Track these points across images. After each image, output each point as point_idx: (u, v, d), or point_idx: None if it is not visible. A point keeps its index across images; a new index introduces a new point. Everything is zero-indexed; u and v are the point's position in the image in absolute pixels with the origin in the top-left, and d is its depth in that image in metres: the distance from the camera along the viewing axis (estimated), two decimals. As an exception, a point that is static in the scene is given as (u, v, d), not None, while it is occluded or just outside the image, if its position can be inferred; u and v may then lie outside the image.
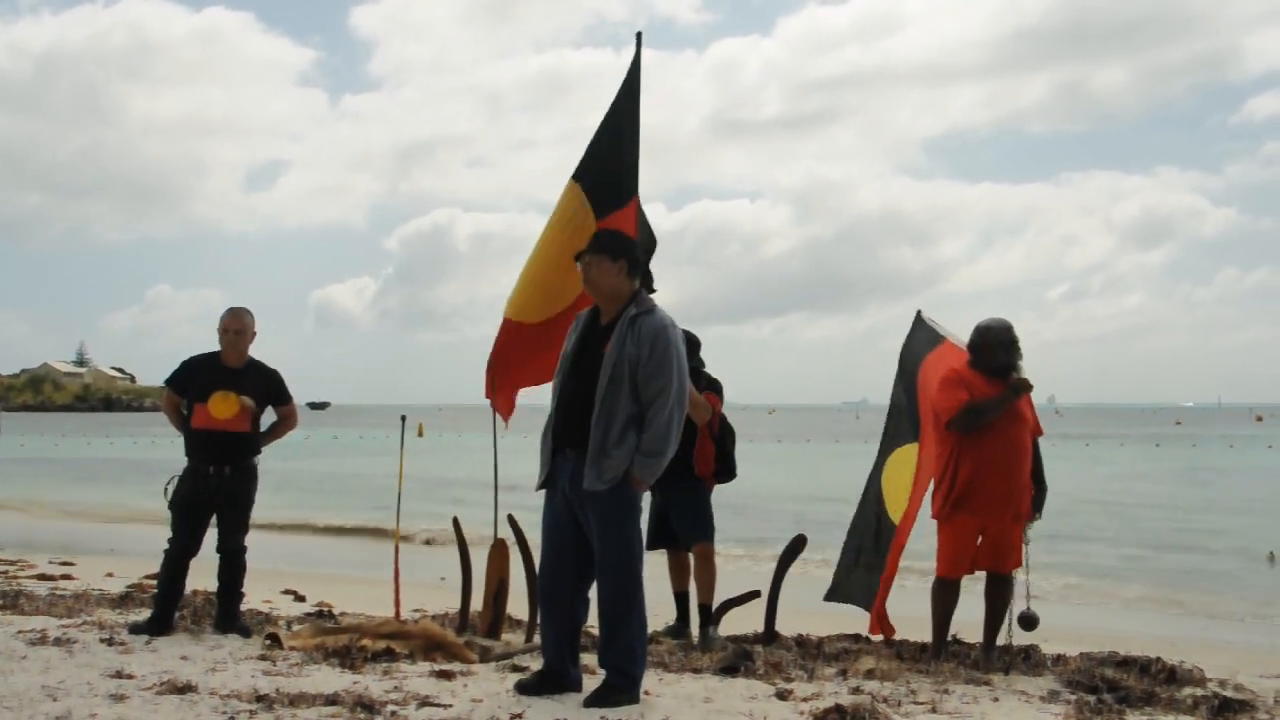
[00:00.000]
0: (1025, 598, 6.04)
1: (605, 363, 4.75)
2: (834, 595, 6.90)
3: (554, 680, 4.89)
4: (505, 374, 6.77)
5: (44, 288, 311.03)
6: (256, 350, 6.52)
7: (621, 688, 4.75)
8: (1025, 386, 5.88)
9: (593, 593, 4.96)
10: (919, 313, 6.88)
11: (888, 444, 6.79)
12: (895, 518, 6.46)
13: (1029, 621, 6.01)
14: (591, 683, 4.90)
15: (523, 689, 4.88)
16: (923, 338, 6.70)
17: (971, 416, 5.81)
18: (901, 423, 6.71)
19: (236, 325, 6.40)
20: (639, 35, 6.68)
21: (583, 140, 6.69)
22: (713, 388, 6.71)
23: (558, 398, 4.95)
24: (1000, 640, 6.00)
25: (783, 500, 20.60)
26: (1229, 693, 5.31)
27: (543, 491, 5.00)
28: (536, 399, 6.48)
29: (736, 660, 5.58)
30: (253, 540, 6.45)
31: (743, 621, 6.75)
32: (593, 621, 5.01)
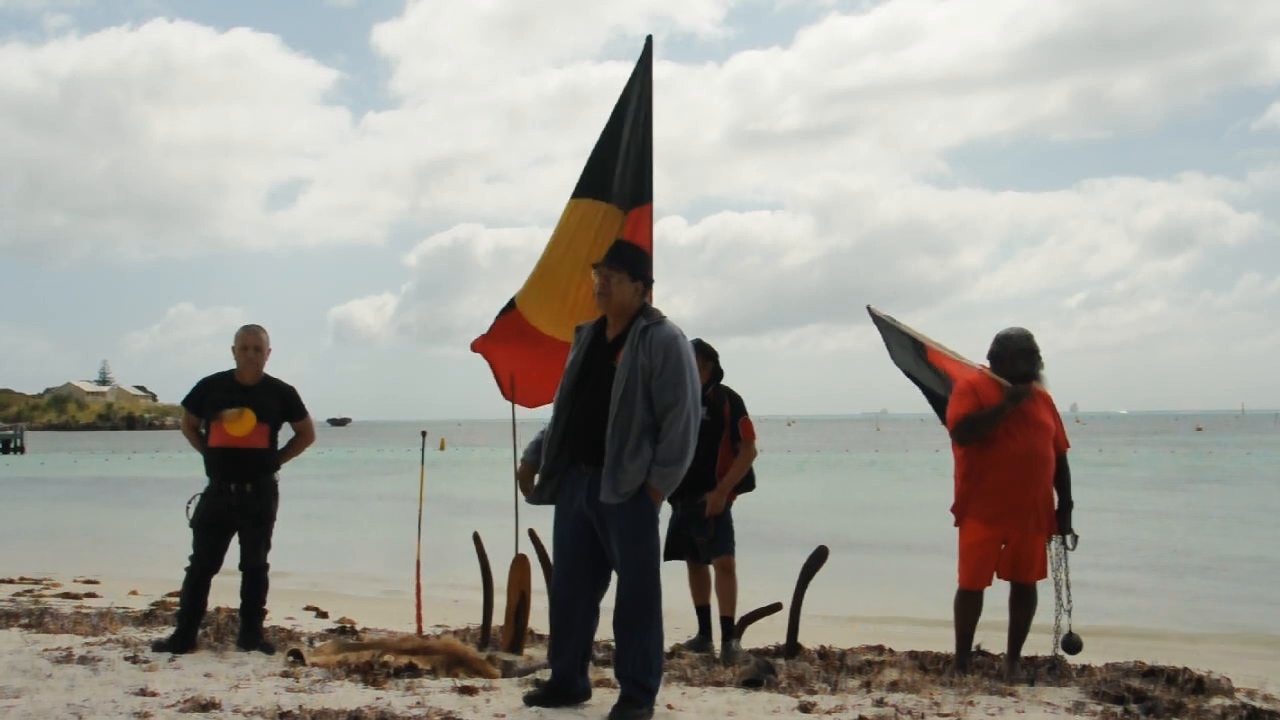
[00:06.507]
0: (1068, 619, 5.89)
1: (618, 375, 4.75)
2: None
3: (563, 691, 4.90)
4: (508, 363, 6.83)
5: (67, 307, 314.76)
6: (275, 367, 6.57)
7: (640, 701, 4.74)
8: (1023, 394, 5.81)
9: (605, 603, 4.96)
10: (869, 308, 6.84)
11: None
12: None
13: (1073, 645, 5.90)
14: (602, 693, 4.89)
15: (531, 701, 4.90)
16: (904, 348, 6.64)
17: (969, 428, 5.77)
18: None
19: (255, 342, 6.45)
20: (649, 39, 6.76)
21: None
22: (733, 401, 6.69)
23: (568, 413, 4.93)
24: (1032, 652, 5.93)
25: (803, 512, 20.52)
26: (1258, 703, 5.26)
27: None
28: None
29: (759, 673, 5.56)
30: (274, 558, 6.47)
31: (765, 634, 6.73)
32: (605, 633, 5.00)
